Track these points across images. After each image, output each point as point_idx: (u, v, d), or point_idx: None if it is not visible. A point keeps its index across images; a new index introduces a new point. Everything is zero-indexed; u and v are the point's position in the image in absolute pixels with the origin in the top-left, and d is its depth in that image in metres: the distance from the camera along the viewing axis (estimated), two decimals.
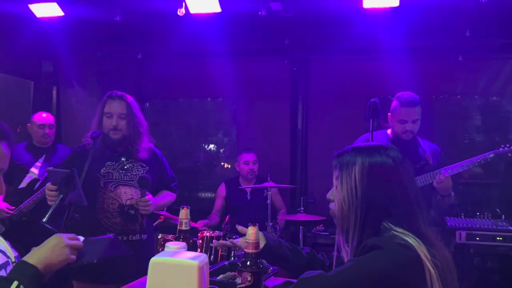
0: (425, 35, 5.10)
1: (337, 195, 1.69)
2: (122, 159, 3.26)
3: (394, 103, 3.67)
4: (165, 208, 4.41)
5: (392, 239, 1.55)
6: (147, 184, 3.13)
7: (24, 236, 4.14)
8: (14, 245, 1.75)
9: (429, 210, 3.59)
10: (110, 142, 3.23)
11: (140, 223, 3.21)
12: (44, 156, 4.50)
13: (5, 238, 1.74)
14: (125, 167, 3.25)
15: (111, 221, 3.18)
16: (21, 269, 1.51)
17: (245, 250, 1.71)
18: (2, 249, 1.65)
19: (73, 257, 1.61)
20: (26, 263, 1.53)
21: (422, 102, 3.72)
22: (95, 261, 1.63)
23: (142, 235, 3.24)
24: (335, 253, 1.82)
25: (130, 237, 3.19)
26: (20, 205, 4.24)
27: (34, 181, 4.37)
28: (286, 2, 4.51)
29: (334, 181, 1.72)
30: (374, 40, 4.99)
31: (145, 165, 3.31)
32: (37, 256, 1.56)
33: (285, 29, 5.21)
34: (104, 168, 3.23)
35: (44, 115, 4.64)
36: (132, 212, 3.17)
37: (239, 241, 2.09)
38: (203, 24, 4.82)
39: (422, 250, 1.52)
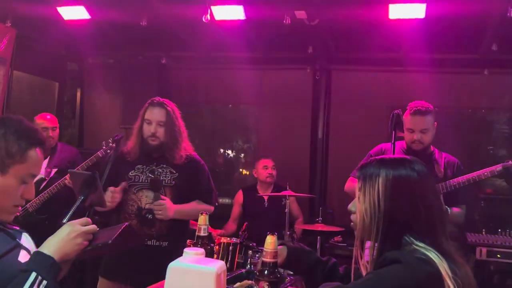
0: (450, 48, 5.05)
1: (359, 207, 1.67)
2: (153, 163, 3.26)
3: (406, 112, 3.61)
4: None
5: (413, 253, 1.53)
6: (159, 187, 3.12)
7: (31, 235, 4.20)
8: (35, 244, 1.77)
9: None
10: (147, 147, 3.25)
11: (158, 228, 3.16)
12: (48, 157, 4.52)
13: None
14: (155, 172, 3.24)
15: (129, 222, 3.18)
16: (38, 260, 1.51)
17: (263, 259, 1.70)
18: (28, 247, 1.68)
19: (86, 242, 1.61)
20: (42, 253, 1.52)
21: (445, 114, 3.66)
22: (110, 242, 1.62)
23: (162, 242, 3.16)
24: (353, 265, 1.79)
25: (145, 241, 3.15)
26: (26, 205, 4.27)
27: (40, 181, 4.39)
28: (311, 10, 4.51)
29: (357, 192, 1.70)
30: (398, 51, 4.96)
31: (175, 172, 3.25)
32: (52, 246, 1.55)
33: (309, 37, 5.21)
34: (133, 171, 3.25)
35: (48, 117, 4.64)
36: (149, 216, 3.16)
37: None
38: (227, 30, 4.84)
39: (443, 266, 1.49)
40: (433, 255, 1.52)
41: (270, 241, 1.70)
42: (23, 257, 1.62)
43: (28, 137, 1.65)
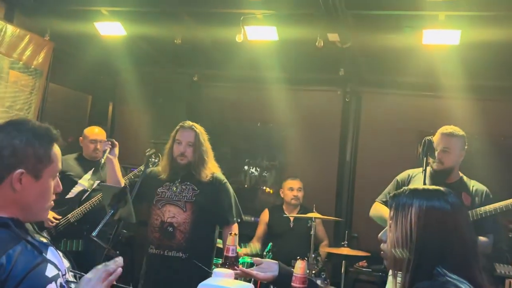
0: (485, 75, 4.99)
1: (390, 236, 1.65)
2: (178, 181, 3.48)
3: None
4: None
5: (445, 285, 1.49)
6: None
7: (69, 245, 4.27)
8: (66, 256, 1.78)
9: None
10: (176, 166, 3.49)
11: (178, 241, 3.35)
12: (93, 169, 4.61)
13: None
14: (179, 188, 3.47)
15: (153, 235, 3.42)
16: None
17: (293, 284, 1.69)
18: (54, 261, 1.67)
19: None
20: None
21: (477, 141, 3.58)
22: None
23: (181, 253, 3.35)
24: None
25: (165, 252, 3.36)
26: (68, 215, 4.35)
27: (82, 192, 4.47)
28: (344, 33, 4.52)
29: (388, 221, 1.68)
30: (431, 76, 4.93)
31: (197, 189, 3.46)
32: None
33: (341, 60, 5.22)
34: (161, 187, 3.49)
35: (96, 130, 4.72)
36: (170, 229, 3.35)
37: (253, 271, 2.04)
38: (259, 51, 4.89)
39: None
40: (466, 287, 1.48)
41: (300, 266, 1.69)
42: (50, 271, 1.61)
43: (47, 137, 1.66)
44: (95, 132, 4.68)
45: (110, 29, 4.87)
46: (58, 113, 5.84)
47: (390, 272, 3.52)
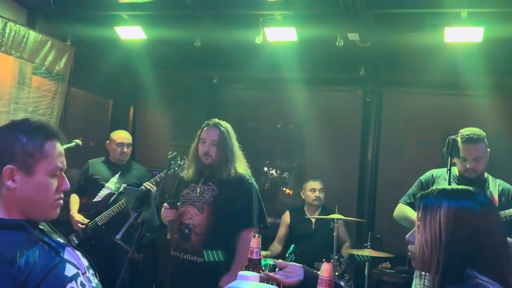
0: (509, 72, 4.90)
1: (418, 237, 1.62)
2: (202, 181, 3.37)
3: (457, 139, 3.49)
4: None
5: (476, 287, 1.46)
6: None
7: (96, 248, 4.30)
8: (84, 255, 1.78)
9: None
10: (201, 166, 3.38)
11: (193, 244, 3.22)
12: (119, 172, 4.66)
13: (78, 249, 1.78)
14: (201, 189, 3.34)
15: (173, 236, 3.34)
16: None
17: (318, 287, 1.66)
18: (72, 260, 1.67)
19: None
20: None
21: (501, 140, 3.52)
22: None
23: (197, 258, 3.21)
24: None
25: (181, 255, 3.26)
26: (96, 218, 4.40)
27: (109, 196, 4.52)
28: (364, 33, 4.48)
29: (416, 222, 1.65)
30: (453, 74, 4.86)
31: (216, 189, 3.30)
32: None
33: (361, 59, 5.18)
34: (187, 189, 3.39)
35: (123, 134, 4.79)
36: (186, 231, 3.24)
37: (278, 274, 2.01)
38: (279, 52, 4.88)
39: None
40: None
41: (326, 268, 1.66)
42: (69, 271, 1.61)
43: (40, 133, 1.63)
44: (121, 135, 4.74)
45: (131, 33, 4.90)
46: (80, 118, 5.90)
47: (416, 273, 3.48)
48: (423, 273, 1.63)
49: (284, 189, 6.51)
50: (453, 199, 1.58)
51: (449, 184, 3.21)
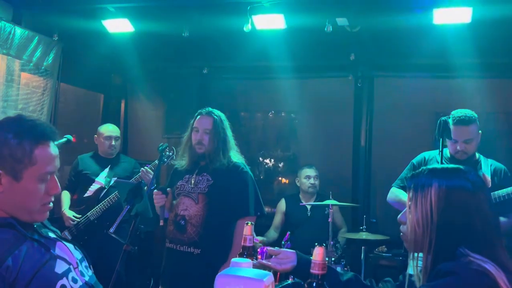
0: (497, 52, 4.90)
1: (410, 218, 1.62)
2: (196, 172, 3.33)
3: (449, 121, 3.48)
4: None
5: (469, 265, 1.46)
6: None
7: (90, 243, 4.30)
8: (77, 247, 1.76)
9: None
10: (195, 155, 3.33)
11: (190, 236, 3.19)
12: (109, 166, 4.64)
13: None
14: (196, 180, 3.31)
15: (168, 228, 3.31)
16: None
17: (311, 271, 1.66)
18: (63, 256, 1.65)
19: None
20: None
21: (493, 120, 3.52)
22: None
23: (194, 249, 3.18)
24: (407, 274, 1.73)
25: (178, 246, 3.23)
26: (87, 213, 4.39)
27: (100, 190, 4.51)
28: (353, 17, 4.46)
29: (408, 202, 1.65)
30: (444, 57, 4.85)
31: (211, 179, 3.27)
32: None
33: (351, 45, 5.16)
34: (181, 180, 3.35)
35: (110, 127, 4.76)
36: (182, 223, 3.21)
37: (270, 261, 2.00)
38: (268, 39, 4.85)
39: (501, 278, 1.42)
40: (490, 266, 1.45)
41: (318, 252, 1.66)
42: (60, 267, 1.59)
43: (31, 136, 1.57)
44: (109, 129, 4.71)
45: (118, 26, 4.86)
46: (71, 113, 5.87)
47: (410, 256, 3.49)
48: (416, 254, 1.63)
49: (280, 178, 6.52)
50: (444, 179, 1.58)
51: None
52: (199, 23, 4.79)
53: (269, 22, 4.49)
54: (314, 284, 1.66)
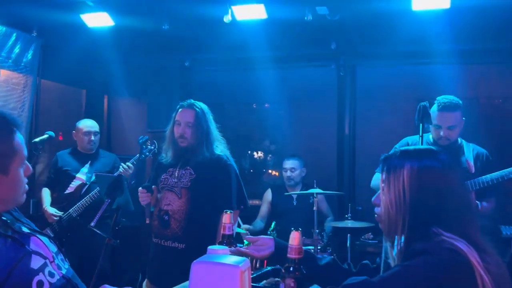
0: (477, 38, 4.92)
1: (383, 199, 1.63)
2: (179, 165, 3.30)
3: (433, 106, 3.49)
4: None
5: (441, 244, 1.48)
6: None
7: (74, 239, 4.29)
8: (52, 240, 1.75)
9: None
10: (178, 149, 3.29)
11: (173, 230, 3.18)
12: (89, 162, 4.61)
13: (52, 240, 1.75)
14: (179, 173, 3.27)
15: (153, 223, 3.30)
16: None
17: (288, 255, 1.67)
18: (39, 250, 1.63)
19: None
20: None
21: (475, 105, 3.54)
22: None
23: (178, 244, 3.17)
24: (382, 258, 1.75)
25: (162, 241, 3.23)
26: (70, 210, 4.36)
27: (81, 186, 4.48)
28: (332, 5, 4.46)
29: (381, 185, 1.66)
30: (423, 43, 4.86)
31: (193, 173, 3.24)
32: None
33: (332, 33, 5.15)
34: (165, 174, 3.32)
35: (89, 122, 4.72)
36: (165, 218, 3.20)
37: (247, 249, 2.01)
38: (249, 30, 4.83)
39: (473, 256, 1.44)
40: (462, 245, 1.47)
41: (294, 236, 1.67)
42: (36, 262, 1.58)
43: (6, 129, 1.59)
44: (88, 124, 4.67)
45: (98, 20, 4.81)
46: (53, 110, 5.82)
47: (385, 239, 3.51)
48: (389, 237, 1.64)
49: (270, 171, 6.52)
50: (415, 159, 1.59)
51: None
52: (179, 15, 4.75)
53: (249, 12, 4.47)
54: (291, 269, 1.67)
